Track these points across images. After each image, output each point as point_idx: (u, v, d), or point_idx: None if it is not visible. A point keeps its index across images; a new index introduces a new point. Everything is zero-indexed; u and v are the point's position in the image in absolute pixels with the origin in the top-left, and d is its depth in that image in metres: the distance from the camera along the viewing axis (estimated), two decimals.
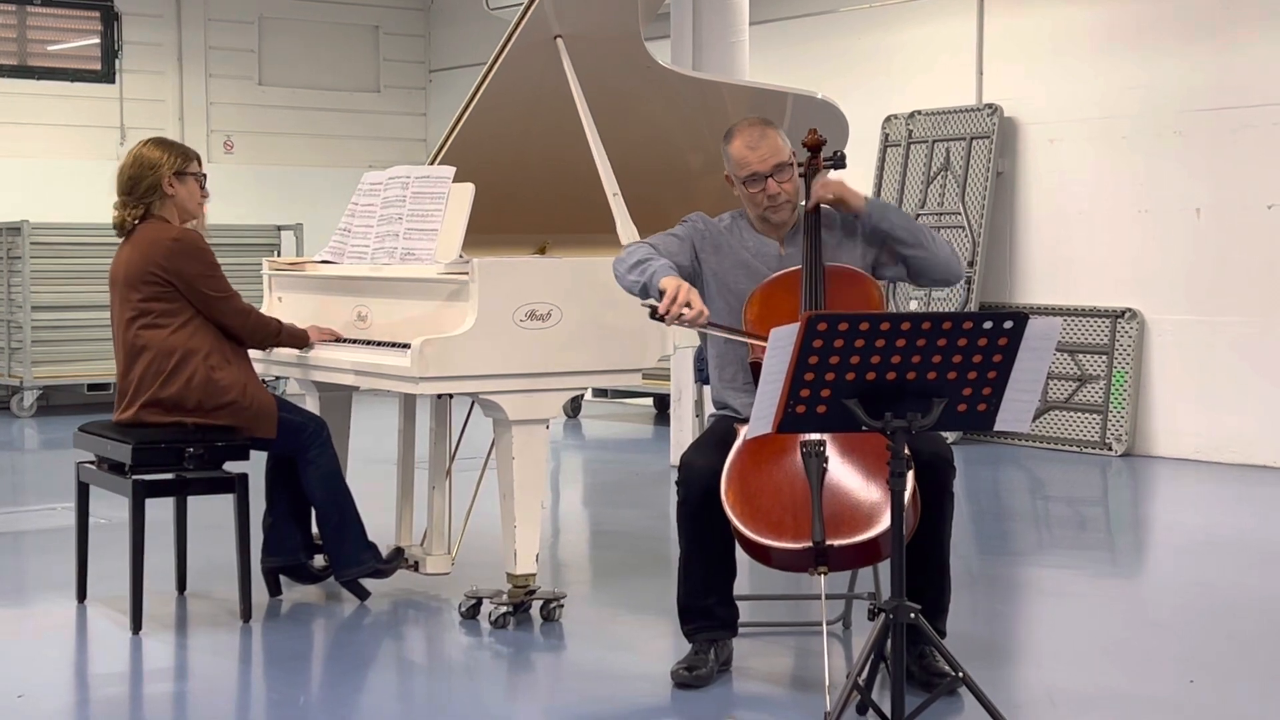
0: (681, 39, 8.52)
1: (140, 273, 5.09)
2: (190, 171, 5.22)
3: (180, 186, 5.20)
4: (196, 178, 5.25)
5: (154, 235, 5.13)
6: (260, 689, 4.64)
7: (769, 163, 4.46)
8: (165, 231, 5.13)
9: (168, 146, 5.25)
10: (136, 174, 5.19)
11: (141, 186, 5.18)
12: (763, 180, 4.47)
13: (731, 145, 4.52)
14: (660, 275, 4.33)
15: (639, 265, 4.42)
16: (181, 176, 5.19)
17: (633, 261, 4.45)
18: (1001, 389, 3.80)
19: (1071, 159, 9.49)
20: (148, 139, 5.33)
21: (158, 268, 5.06)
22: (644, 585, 5.74)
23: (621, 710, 4.27)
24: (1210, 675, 4.58)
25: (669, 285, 4.27)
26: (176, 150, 5.24)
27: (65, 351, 11.26)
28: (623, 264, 4.48)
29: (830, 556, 4.03)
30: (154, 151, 5.21)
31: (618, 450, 10.06)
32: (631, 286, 4.43)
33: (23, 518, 7.24)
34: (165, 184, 5.17)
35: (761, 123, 4.54)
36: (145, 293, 5.09)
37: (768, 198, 4.49)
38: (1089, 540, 7.00)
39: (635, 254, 4.49)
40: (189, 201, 5.24)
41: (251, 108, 13.13)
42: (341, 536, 5.30)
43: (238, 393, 5.10)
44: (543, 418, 5.06)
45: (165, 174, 5.17)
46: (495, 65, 5.51)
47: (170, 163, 5.19)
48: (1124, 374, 9.13)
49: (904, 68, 10.33)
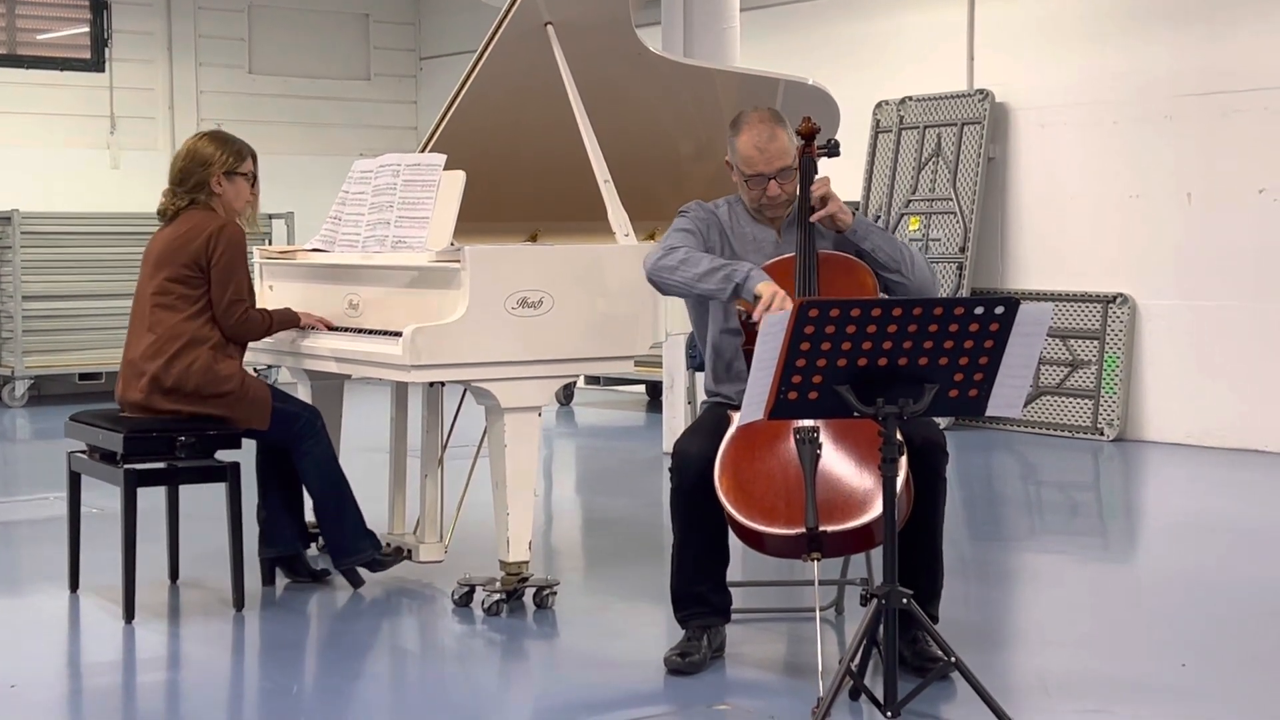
0: (672, 26, 8.51)
1: (175, 253, 5.12)
2: (241, 171, 5.24)
3: (228, 185, 5.22)
4: (246, 177, 5.26)
5: (199, 221, 5.15)
6: (253, 678, 4.64)
7: (774, 166, 4.45)
8: (212, 219, 5.16)
9: (223, 144, 5.25)
10: (187, 167, 5.21)
11: (190, 181, 5.20)
12: (765, 181, 4.46)
13: (739, 139, 4.49)
14: (757, 279, 4.24)
15: (716, 270, 4.30)
16: (231, 176, 5.22)
17: (705, 268, 4.32)
18: (993, 374, 3.81)
19: (1063, 144, 9.49)
20: (205, 132, 5.37)
21: (196, 251, 5.09)
22: (637, 572, 5.74)
23: (615, 696, 4.28)
24: (1202, 659, 4.59)
25: (766, 292, 4.19)
26: (231, 149, 5.24)
27: (57, 341, 11.24)
28: (685, 269, 4.35)
29: (823, 542, 4.03)
30: (208, 147, 5.23)
31: (610, 437, 10.06)
32: (714, 293, 4.32)
33: (15, 508, 7.23)
34: (214, 182, 5.20)
35: (772, 120, 4.49)
36: (172, 273, 5.12)
37: (767, 197, 4.49)
38: (1081, 525, 7.01)
39: (690, 256, 4.37)
40: (235, 200, 5.26)
41: (241, 96, 13.10)
42: (339, 526, 5.30)
43: (235, 384, 5.11)
44: (535, 405, 5.06)
45: (215, 173, 5.20)
46: (485, 53, 5.50)
47: (222, 162, 5.21)
48: (1115, 359, 9.14)
49: (895, 53, 10.32)
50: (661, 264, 4.42)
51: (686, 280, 4.37)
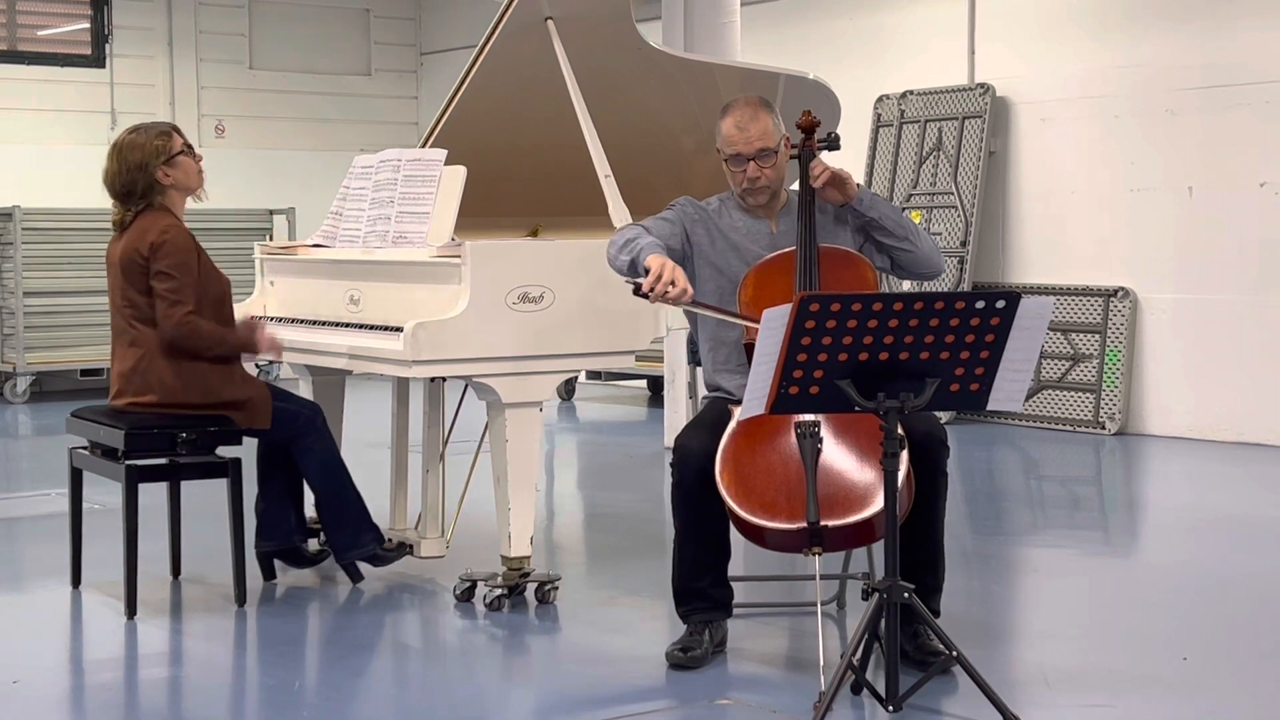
0: (673, 20, 8.51)
1: (129, 264, 5.04)
2: (176, 152, 5.10)
3: (175, 171, 5.10)
4: (184, 152, 5.13)
5: (145, 226, 5.05)
6: (255, 673, 4.64)
7: (754, 145, 4.45)
8: (155, 222, 5.04)
9: (145, 135, 5.09)
10: (129, 181, 5.07)
11: (139, 190, 5.07)
12: (745, 162, 4.47)
13: (723, 121, 4.52)
14: (647, 253, 4.32)
15: (628, 244, 4.42)
16: (171, 161, 5.11)
17: (623, 241, 4.45)
18: (994, 369, 3.81)
19: (1064, 138, 9.49)
20: (121, 137, 5.14)
21: (143, 259, 5.00)
22: (638, 567, 5.75)
23: (616, 692, 4.28)
24: (1204, 653, 4.59)
25: (654, 263, 4.26)
26: (153, 137, 5.09)
27: (58, 337, 11.25)
28: (614, 245, 4.48)
29: (825, 537, 4.04)
30: (135, 153, 5.06)
31: (611, 432, 10.07)
32: (621, 266, 4.43)
33: (16, 504, 7.23)
34: (160, 176, 5.08)
35: (757, 103, 4.52)
36: (134, 284, 5.04)
37: (747, 179, 4.49)
38: (1082, 519, 7.01)
39: (625, 234, 4.49)
40: (189, 180, 5.14)
41: (242, 92, 13.10)
42: (340, 521, 5.29)
43: (233, 391, 5.08)
44: (536, 400, 5.06)
45: (155, 168, 5.07)
46: (486, 48, 5.50)
47: (155, 154, 5.06)
48: (1117, 353, 9.14)
49: (896, 48, 10.32)
50: (610, 243, 4.51)
51: (611, 255, 4.47)
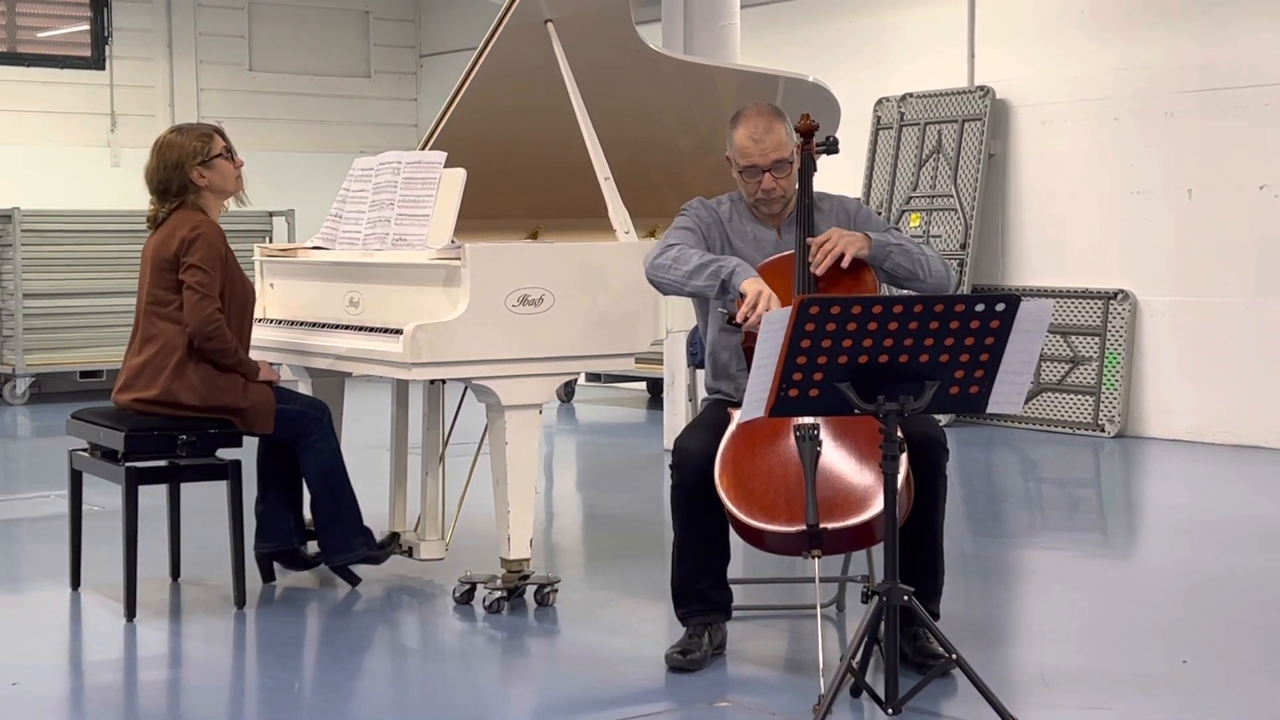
0: (673, 23, 8.51)
1: (160, 260, 5.10)
2: (214, 154, 5.17)
3: (210, 173, 5.16)
4: (223, 155, 5.19)
5: (177, 223, 5.11)
6: (254, 675, 4.64)
7: (769, 158, 4.45)
8: (187, 220, 5.10)
9: (186, 136, 5.18)
10: (165, 178, 5.14)
11: (174, 188, 5.14)
12: (760, 173, 4.46)
13: (736, 131, 4.49)
14: (742, 275, 4.24)
15: (705, 266, 4.31)
16: (208, 163, 5.15)
17: (694, 265, 4.34)
18: (993, 371, 3.81)
19: (1063, 141, 9.49)
20: (164, 135, 5.25)
21: (172, 255, 5.06)
22: (638, 569, 5.75)
23: (615, 694, 4.28)
24: (1203, 655, 4.59)
25: (751, 290, 4.19)
26: (195, 137, 5.17)
27: (58, 339, 11.24)
28: (677, 268, 4.37)
29: (824, 540, 4.04)
30: (173, 152, 5.15)
31: (611, 435, 10.06)
32: (703, 290, 4.34)
33: (16, 505, 7.23)
34: (195, 177, 5.14)
35: (770, 113, 4.50)
36: (162, 282, 5.09)
37: (762, 190, 4.48)
38: (1082, 522, 7.01)
39: (683, 254, 4.39)
40: (225, 183, 5.21)
41: (242, 94, 13.10)
42: (333, 523, 5.29)
43: (238, 394, 5.09)
44: (535, 403, 5.06)
45: (191, 168, 5.13)
46: (486, 50, 5.50)
47: (192, 154, 5.13)
48: (1116, 355, 9.14)
49: (896, 50, 10.32)
50: (656, 263, 4.44)
51: (678, 279, 4.38)
